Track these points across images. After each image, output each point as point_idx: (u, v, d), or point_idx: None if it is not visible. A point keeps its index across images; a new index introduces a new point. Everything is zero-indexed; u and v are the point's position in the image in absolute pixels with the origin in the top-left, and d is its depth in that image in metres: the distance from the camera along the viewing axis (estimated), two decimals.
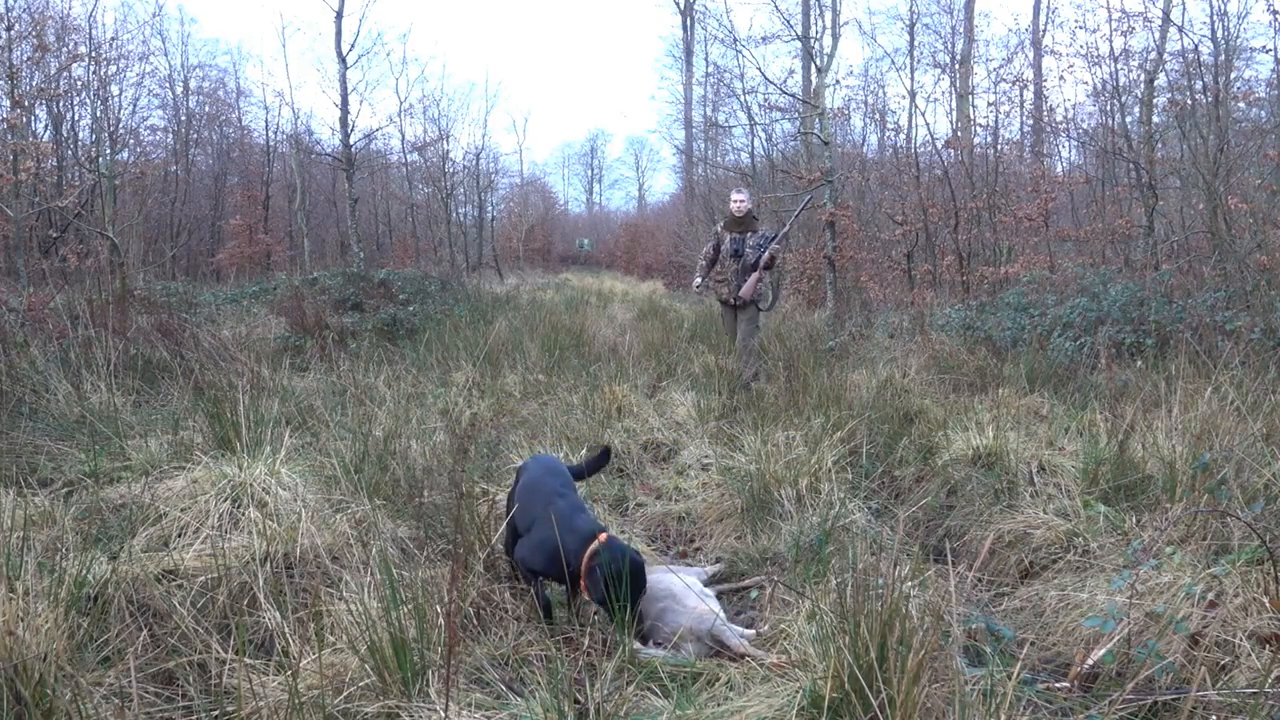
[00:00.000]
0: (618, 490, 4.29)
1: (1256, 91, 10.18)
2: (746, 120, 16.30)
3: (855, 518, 3.36)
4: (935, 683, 2.03)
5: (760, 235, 6.82)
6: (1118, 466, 3.39)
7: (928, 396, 5.45)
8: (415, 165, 23.90)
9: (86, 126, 16.64)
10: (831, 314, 10.20)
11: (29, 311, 6.34)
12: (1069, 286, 7.75)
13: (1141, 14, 9.68)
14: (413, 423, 4.55)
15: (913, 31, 18.68)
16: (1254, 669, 2.13)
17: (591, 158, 54.15)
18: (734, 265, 6.75)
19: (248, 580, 2.59)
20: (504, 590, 2.85)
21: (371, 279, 12.29)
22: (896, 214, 11.56)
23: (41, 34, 11.14)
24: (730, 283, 6.77)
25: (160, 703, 2.16)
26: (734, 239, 6.78)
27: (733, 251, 6.76)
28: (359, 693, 2.08)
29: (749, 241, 6.76)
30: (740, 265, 6.73)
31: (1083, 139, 12.45)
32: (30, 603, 2.11)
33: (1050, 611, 2.67)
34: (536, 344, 7.80)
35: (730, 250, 6.78)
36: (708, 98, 24.27)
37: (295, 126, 20.75)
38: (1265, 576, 2.34)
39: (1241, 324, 5.34)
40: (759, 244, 6.76)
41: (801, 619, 2.50)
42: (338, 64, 15.43)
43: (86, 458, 3.65)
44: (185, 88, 21.65)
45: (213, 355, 5.95)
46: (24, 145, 9.57)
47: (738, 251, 6.74)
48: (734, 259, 6.75)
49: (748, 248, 6.73)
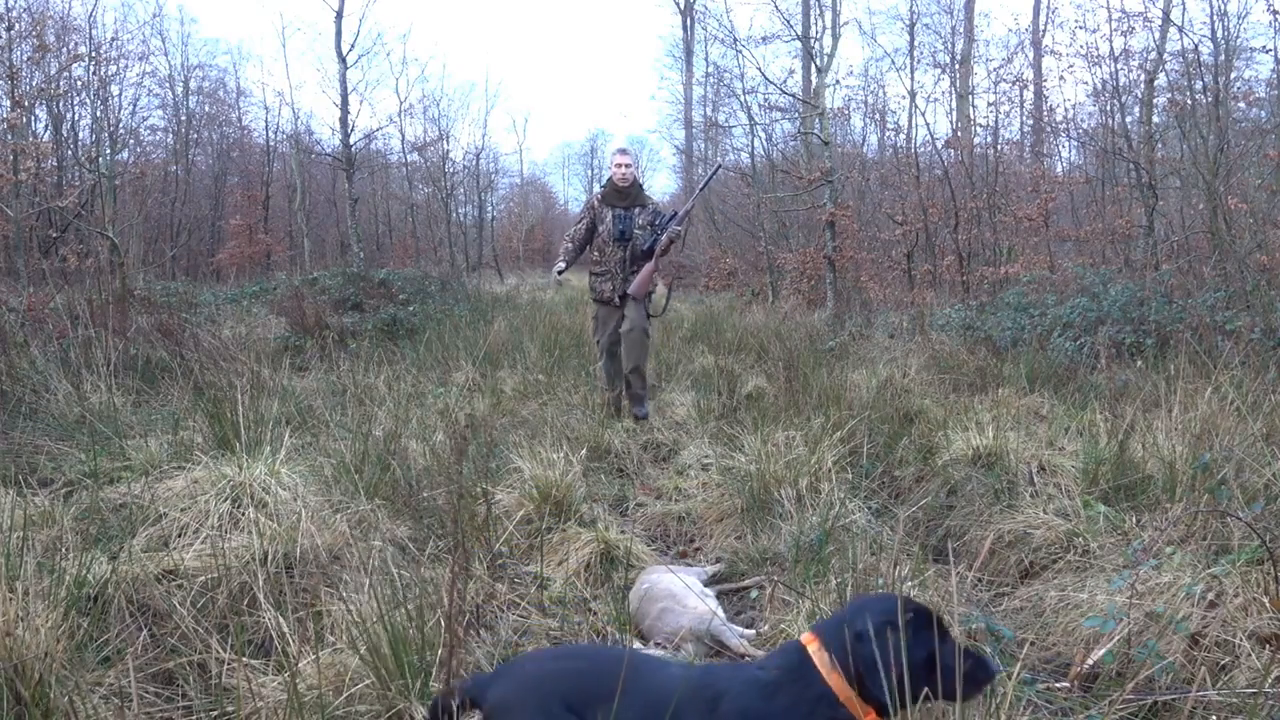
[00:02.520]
0: (618, 490, 4.29)
1: (1256, 91, 10.18)
2: (746, 120, 16.29)
3: (855, 518, 3.35)
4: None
5: (651, 211, 5.31)
6: (1118, 466, 3.39)
7: (928, 396, 5.44)
8: (415, 165, 23.93)
9: (86, 126, 16.67)
10: (831, 314, 10.20)
11: (29, 311, 6.34)
12: (1069, 286, 7.74)
13: (1141, 14, 9.69)
14: (413, 423, 4.55)
15: (913, 31, 18.71)
16: (1254, 669, 2.13)
17: (591, 158, 54.04)
18: (618, 252, 5.23)
19: (248, 580, 2.59)
20: (504, 590, 2.85)
21: (371, 279, 12.29)
22: (896, 214, 11.56)
23: (41, 34, 11.14)
24: (613, 275, 5.26)
25: (160, 703, 2.16)
26: (617, 215, 5.23)
27: (617, 233, 5.20)
28: (359, 693, 2.08)
29: (638, 219, 5.23)
30: (627, 252, 5.22)
31: (1083, 139, 12.45)
32: (30, 603, 2.11)
33: (1050, 611, 2.67)
34: (536, 344, 7.80)
35: (613, 230, 5.21)
36: (708, 98, 24.29)
37: (295, 126, 20.80)
38: (1265, 576, 2.33)
39: (1241, 324, 5.34)
40: (653, 223, 5.24)
41: (802, 619, 2.50)
42: (338, 64, 15.43)
43: (86, 458, 3.65)
44: (185, 88, 21.68)
45: (213, 355, 5.95)
46: (24, 145, 9.56)
47: (624, 233, 5.19)
48: (618, 243, 5.22)
49: (636, 228, 5.22)
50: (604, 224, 5.26)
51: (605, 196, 5.30)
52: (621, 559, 3.18)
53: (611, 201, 5.25)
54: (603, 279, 5.31)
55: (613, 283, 5.27)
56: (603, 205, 5.29)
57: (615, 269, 5.24)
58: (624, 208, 5.24)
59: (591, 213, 5.35)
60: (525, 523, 3.38)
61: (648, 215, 5.27)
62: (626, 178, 5.25)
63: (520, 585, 2.97)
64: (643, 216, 5.25)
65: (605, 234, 5.24)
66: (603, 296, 5.36)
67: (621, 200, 5.24)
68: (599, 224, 5.28)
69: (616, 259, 5.24)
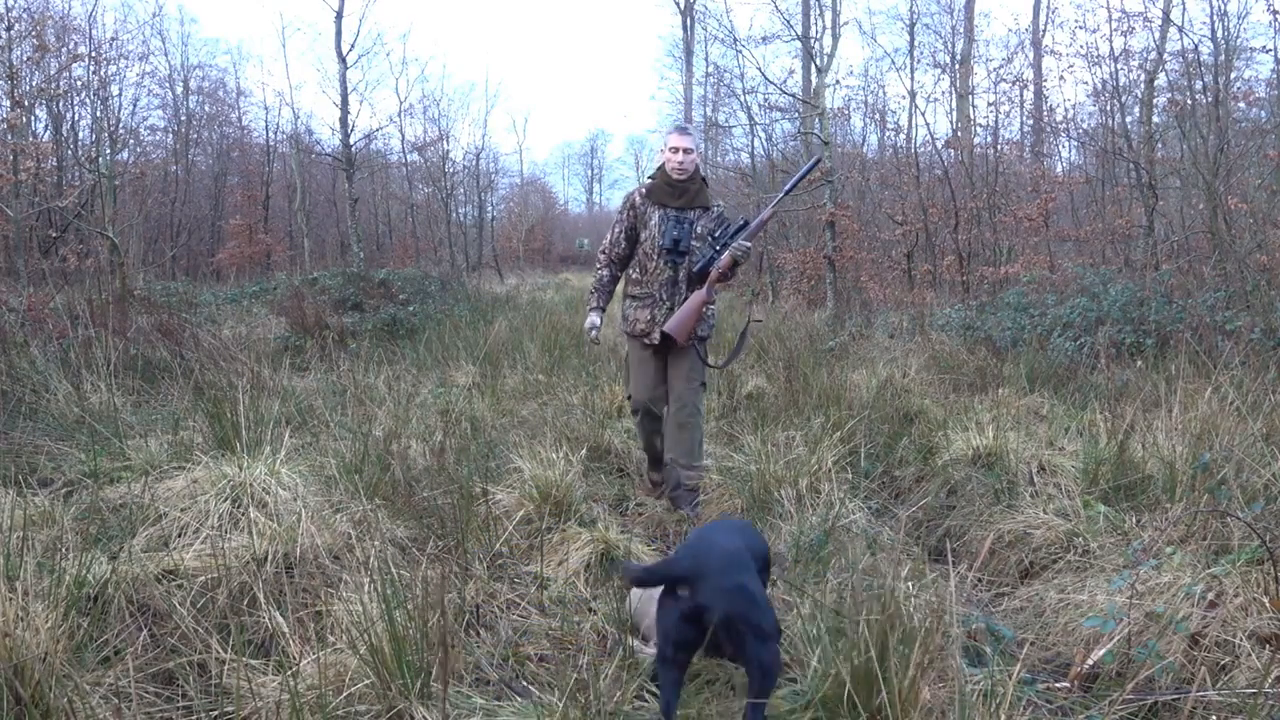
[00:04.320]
0: (618, 490, 4.29)
1: (1256, 91, 10.17)
2: (746, 120, 16.30)
3: (855, 518, 3.36)
4: (936, 683, 2.03)
5: (716, 216, 3.87)
6: (1118, 466, 3.39)
7: (928, 396, 5.44)
8: (415, 165, 23.93)
9: (86, 126, 16.67)
10: (831, 314, 10.20)
11: (29, 311, 6.34)
12: (1069, 286, 7.75)
13: (1141, 14, 9.70)
14: (413, 423, 4.55)
15: (913, 31, 18.70)
16: (1254, 669, 2.13)
17: (591, 158, 54.19)
18: (665, 270, 3.81)
19: (248, 580, 2.59)
20: (504, 590, 2.85)
21: (371, 279, 12.30)
22: (896, 214, 11.57)
23: (41, 34, 11.14)
24: (656, 301, 3.83)
25: (160, 703, 2.16)
26: (668, 218, 3.80)
27: (668, 243, 3.78)
28: (359, 693, 2.08)
29: (698, 223, 3.81)
30: (680, 271, 3.81)
31: (1083, 139, 12.46)
32: (30, 603, 2.11)
33: (1050, 611, 2.67)
34: (536, 344, 7.80)
35: (660, 239, 3.79)
36: (708, 98, 24.26)
37: (295, 126, 20.78)
38: (1265, 576, 2.33)
39: (1241, 324, 5.34)
40: (713, 233, 3.81)
41: (801, 619, 2.50)
42: (338, 64, 15.43)
43: (86, 458, 3.65)
44: (185, 88, 21.67)
45: (213, 355, 5.94)
46: (24, 145, 9.57)
47: (677, 243, 3.78)
48: (667, 257, 3.80)
49: (694, 238, 3.80)
50: (648, 229, 3.83)
51: (652, 191, 3.85)
52: (621, 559, 3.18)
53: (661, 199, 3.81)
54: (641, 304, 3.87)
55: (654, 311, 3.82)
56: (648, 203, 3.84)
57: (660, 293, 3.82)
58: (678, 209, 3.81)
59: (632, 212, 3.88)
60: (525, 523, 3.38)
61: (710, 222, 3.84)
62: (685, 168, 3.77)
63: (520, 585, 2.97)
64: (704, 223, 3.82)
65: (649, 243, 3.82)
66: (636, 329, 3.88)
67: (676, 198, 3.80)
68: (641, 229, 3.86)
69: (663, 279, 3.81)
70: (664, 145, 3.90)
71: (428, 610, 2.22)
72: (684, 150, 3.77)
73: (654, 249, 3.82)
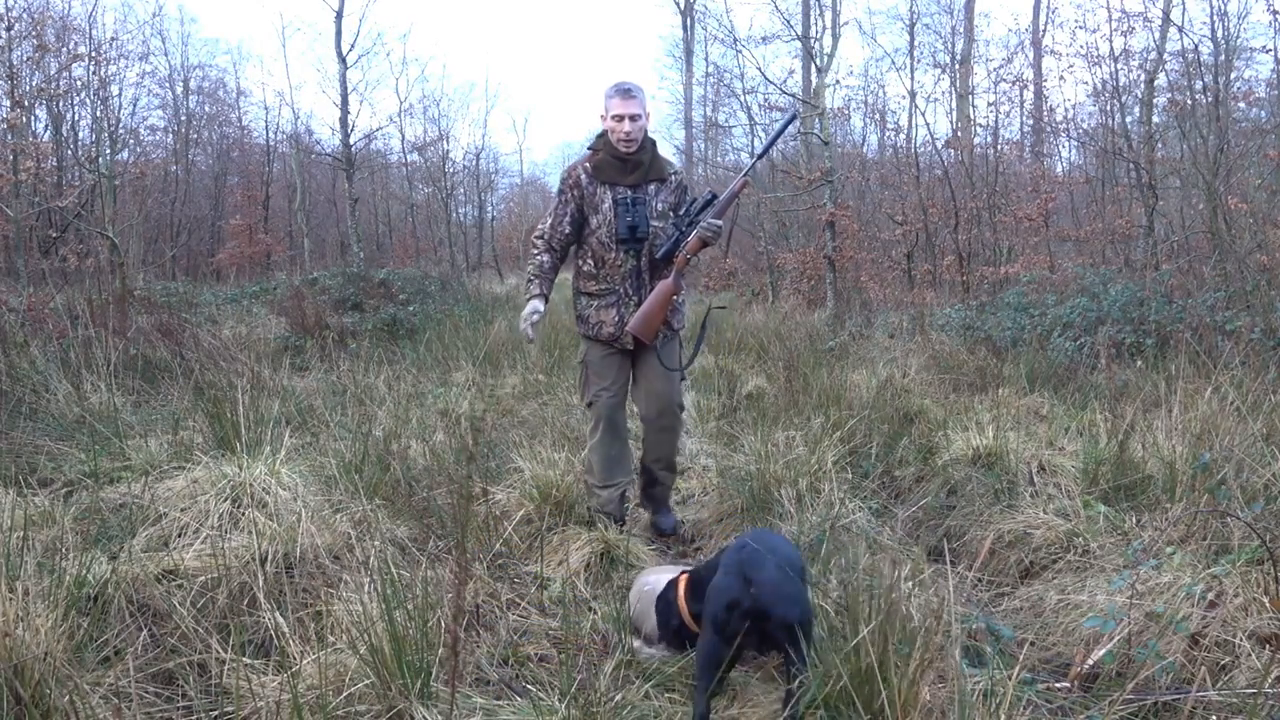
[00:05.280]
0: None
1: (1256, 91, 10.19)
2: (746, 120, 16.30)
3: (855, 518, 3.36)
4: (936, 683, 2.03)
5: (676, 187, 3.32)
6: (1118, 466, 3.39)
7: (928, 396, 5.44)
8: (415, 165, 23.94)
9: (86, 126, 16.67)
10: (831, 314, 10.20)
11: (29, 311, 6.34)
12: (1069, 286, 7.75)
13: (1141, 14, 9.70)
14: (413, 423, 4.55)
15: (913, 31, 18.70)
16: (1254, 669, 2.13)
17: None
18: (627, 260, 3.26)
19: (248, 580, 2.59)
20: (504, 590, 2.85)
21: (371, 279, 12.30)
22: (896, 214, 11.57)
23: (41, 34, 11.14)
24: (621, 298, 3.29)
25: (160, 703, 2.16)
26: (622, 199, 3.21)
27: (623, 230, 3.20)
28: (359, 693, 2.08)
29: (655, 200, 3.25)
30: (642, 260, 3.27)
31: (1083, 139, 12.46)
32: (30, 603, 2.11)
33: (1050, 611, 2.67)
34: (536, 344, 7.79)
35: (616, 225, 3.22)
36: (708, 98, 24.28)
37: (295, 126, 20.79)
38: (1265, 576, 2.33)
39: (1241, 324, 5.34)
40: (676, 209, 3.29)
41: None
42: (338, 64, 15.42)
43: (86, 458, 3.65)
44: (185, 88, 21.68)
45: (213, 355, 5.95)
46: (24, 145, 9.57)
47: (635, 228, 3.19)
48: (626, 245, 3.23)
49: (653, 216, 3.23)
50: (600, 214, 3.23)
51: (599, 169, 3.23)
52: (621, 559, 3.18)
53: (610, 177, 3.22)
54: (604, 304, 3.31)
55: (620, 310, 3.28)
56: (595, 182, 3.24)
57: (625, 288, 3.28)
58: (631, 186, 3.22)
59: (578, 193, 3.27)
60: (525, 523, 3.38)
61: (669, 194, 3.28)
62: (633, 138, 3.17)
63: (520, 585, 2.97)
64: (662, 197, 3.26)
65: (604, 232, 3.23)
66: (603, 333, 3.33)
67: (627, 174, 3.21)
68: (591, 213, 3.26)
69: (624, 271, 3.26)
70: (604, 112, 3.21)
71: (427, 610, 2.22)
72: (629, 117, 3.15)
73: (610, 238, 3.23)
